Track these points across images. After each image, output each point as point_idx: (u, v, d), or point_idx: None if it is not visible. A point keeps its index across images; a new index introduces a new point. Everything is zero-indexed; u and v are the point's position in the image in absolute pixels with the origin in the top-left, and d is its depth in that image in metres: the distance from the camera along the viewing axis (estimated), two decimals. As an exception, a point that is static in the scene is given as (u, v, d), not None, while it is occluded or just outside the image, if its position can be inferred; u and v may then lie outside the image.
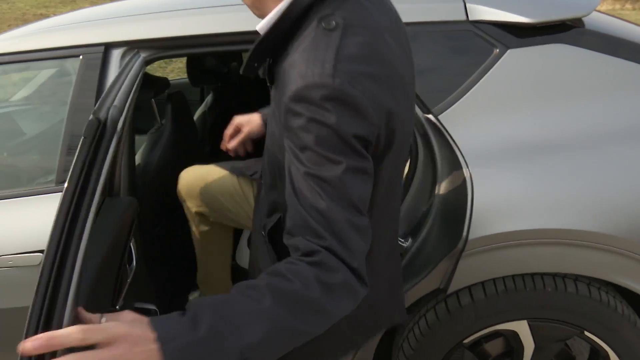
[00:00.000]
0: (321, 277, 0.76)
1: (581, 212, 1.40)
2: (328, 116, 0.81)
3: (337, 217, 0.80)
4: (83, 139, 0.76)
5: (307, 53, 0.85)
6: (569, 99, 1.46)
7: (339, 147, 0.82)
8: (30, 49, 1.63)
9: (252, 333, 0.71)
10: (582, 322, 1.53)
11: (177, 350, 0.66)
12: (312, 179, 0.82)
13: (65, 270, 0.66)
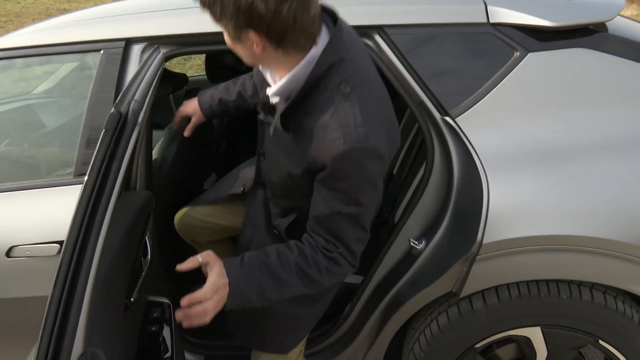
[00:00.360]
0: (329, 268, 1.17)
1: (599, 220, 1.38)
2: (364, 169, 1.09)
3: (350, 236, 1.17)
4: (104, 132, 0.77)
5: (337, 119, 1.07)
6: (590, 104, 1.44)
7: (367, 190, 1.13)
8: (53, 43, 1.65)
9: (278, 290, 1.17)
10: (596, 330, 1.51)
11: (235, 289, 1.13)
12: (345, 214, 1.13)
13: (84, 261, 0.67)
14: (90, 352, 0.70)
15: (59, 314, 0.65)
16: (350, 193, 1.12)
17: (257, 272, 1.16)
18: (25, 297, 1.64)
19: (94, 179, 0.73)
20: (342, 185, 1.11)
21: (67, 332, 0.63)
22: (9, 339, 1.72)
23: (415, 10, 1.52)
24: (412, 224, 1.62)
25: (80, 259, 0.69)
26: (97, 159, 0.74)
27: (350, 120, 1.07)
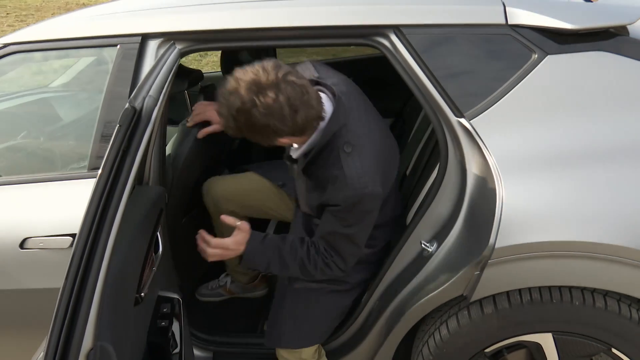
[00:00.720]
0: (323, 269, 1.55)
1: (615, 227, 1.36)
2: (364, 206, 1.46)
3: (345, 251, 1.54)
4: (118, 127, 0.77)
5: (344, 173, 1.43)
6: (609, 109, 1.42)
7: (364, 219, 1.50)
8: (70, 37, 1.66)
9: (280, 269, 1.57)
10: (610, 338, 1.49)
11: (249, 255, 1.54)
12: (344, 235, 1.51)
13: (96, 256, 0.67)
14: (100, 346, 0.70)
15: (69, 308, 0.66)
16: (350, 221, 1.48)
17: (270, 252, 1.55)
18: (38, 288, 1.66)
19: (107, 173, 0.73)
20: (345, 215, 1.47)
21: (77, 326, 0.63)
22: (21, 329, 1.73)
23: (433, 10, 1.51)
24: (423, 226, 1.61)
25: (92, 253, 0.70)
26: (111, 154, 0.75)
27: (354, 173, 1.43)
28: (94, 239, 0.71)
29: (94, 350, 0.68)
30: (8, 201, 1.69)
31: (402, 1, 1.54)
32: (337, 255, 1.54)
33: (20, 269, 1.65)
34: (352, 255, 1.56)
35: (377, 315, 1.68)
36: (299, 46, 1.88)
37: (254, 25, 1.56)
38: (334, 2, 1.56)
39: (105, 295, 0.72)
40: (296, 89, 1.31)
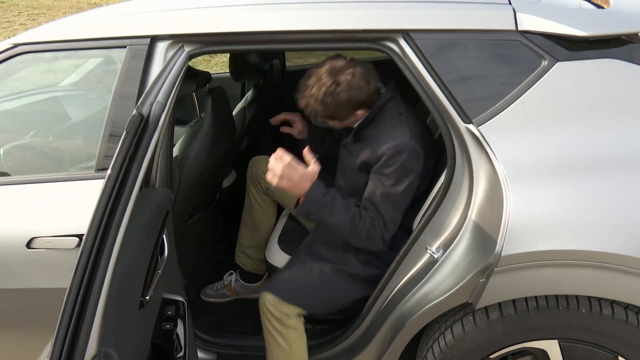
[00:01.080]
0: (370, 231, 1.65)
1: (623, 236, 1.35)
2: (407, 161, 1.63)
3: (387, 213, 1.66)
4: (125, 134, 0.77)
5: (393, 128, 1.68)
6: (619, 117, 1.41)
7: (405, 177, 1.65)
8: (80, 38, 1.67)
9: (332, 218, 1.65)
10: (616, 346, 1.47)
11: (310, 195, 1.63)
12: (387, 193, 1.65)
13: (102, 261, 0.67)
14: (104, 352, 0.70)
15: (74, 313, 0.66)
16: (393, 177, 1.63)
17: (329, 197, 1.65)
18: (44, 288, 1.67)
19: (114, 179, 0.73)
20: (390, 170, 1.63)
21: (82, 332, 0.64)
22: (27, 328, 1.74)
23: (442, 15, 1.50)
24: (429, 232, 1.61)
25: (98, 258, 0.70)
26: (118, 160, 0.75)
27: (402, 129, 1.66)
28: (100, 244, 0.71)
29: (98, 356, 0.68)
30: (16, 200, 1.70)
31: (411, 6, 1.54)
32: (381, 218, 1.65)
33: (26, 268, 1.66)
34: (393, 222, 1.67)
35: (382, 320, 1.68)
36: (307, 50, 1.89)
37: (263, 29, 1.56)
38: (344, 6, 1.56)
39: (110, 300, 0.72)
40: (362, 67, 1.66)
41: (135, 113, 0.80)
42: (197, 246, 2.11)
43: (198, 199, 2.02)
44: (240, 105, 2.68)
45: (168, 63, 1.06)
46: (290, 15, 1.56)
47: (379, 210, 1.66)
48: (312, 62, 3.39)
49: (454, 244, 1.53)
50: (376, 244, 1.68)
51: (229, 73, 2.54)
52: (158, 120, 0.82)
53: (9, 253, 1.63)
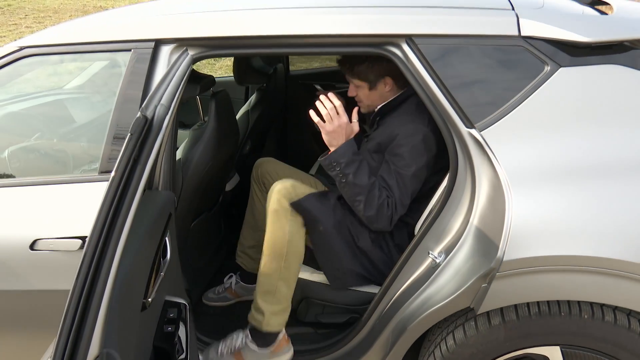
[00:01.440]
0: (383, 205, 1.73)
1: (626, 242, 1.35)
2: (419, 144, 1.73)
3: (397, 194, 1.73)
4: (130, 136, 0.77)
5: (411, 114, 1.78)
6: (622, 123, 1.41)
7: (417, 160, 1.74)
8: (85, 41, 1.68)
9: (358, 177, 1.73)
10: (618, 353, 1.47)
11: (343, 150, 1.74)
12: (398, 173, 1.74)
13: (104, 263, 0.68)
14: (106, 353, 0.70)
15: (77, 314, 0.66)
16: (406, 157, 1.72)
17: (359, 157, 1.75)
18: (46, 290, 1.68)
19: (118, 181, 0.74)
20: (402, 150, 1.73)
21: (85, 332, 0.64)
22: (30, 330, 1.75)
23: (445, 20, 1.51)
24: (431, 236, 1.61)
25: (101, 260, 0.70)
26: (122, 162, 0.75)
27: (420, 115, 1.74)
28: (104, 246, 0.71)
29: (100, 357, 0.69)
30: (19, 202, 1.71)
31: (415, 11, 1.54)
32: (393, 197, 1.73)
33: (29, 269, 1.67)
34: (402, 204, 1.74)
35: (384, 324, 1.68)
36: (311, 54, 1.90)
37: (266, 33, 1.56)
38: (348, 11, 1.56)
39: (113, 301, 0.72)
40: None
41: (140, 115, 0.81)
42: (199, 249, 2.11)
43: (201, 202, 2.03)
44: (244, 109, 2.69)
45: (172, 66, 1.07)
46: (294, 19, 1.57)
47: (391, 189, 1.74)
48: (316, 67, 3.40)
49: (456, 249, 1.53)
50: (383, 221, 1.74)
51: (233, 77, 2.56)
52: (162, 123, 0.83)
53: (13, 255, 1.64)
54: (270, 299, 1.78)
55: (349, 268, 1.83)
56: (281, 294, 1.79)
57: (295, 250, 1.80)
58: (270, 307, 1.78)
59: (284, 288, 1.79)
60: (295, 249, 1.80)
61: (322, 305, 1.94)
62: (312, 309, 1.95)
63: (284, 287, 1.79)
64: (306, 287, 1.93)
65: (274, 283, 1.78)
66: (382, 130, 1.83)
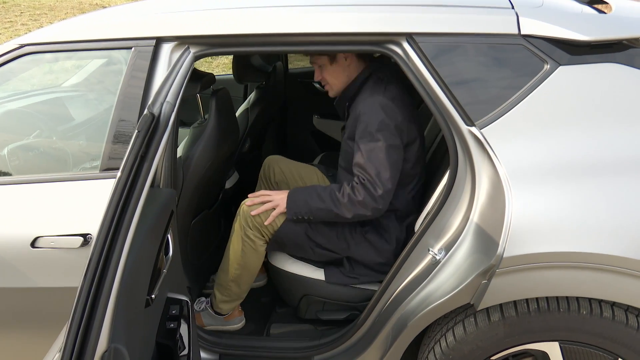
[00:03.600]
0: (351, 196, 1.75)
1: (624, 239, 1.36)
2: (380, 114, 1.74)
3: (371, 169, 1.73)
4: (137, 133, 0.78)
5: (370, 89, 1.82)
6: (620, 121, 1.42)
7: (386, 131, 1.74)
8: (85, 39, 1.68)
9: (315, 202, 1.79)
10: (616, 348, 1.48)
11: (291, 197, 1.83)
12: (368, 150, 1.74)
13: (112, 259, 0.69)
14: (114, 348, 0.71)
15: (86, 309, 0.67)
16: (371, 131, 1.73)
17: (308, 190, 1.82)
18: (48, 287, 1.68)
19: (125, 178, 0.74)
20: (364, 126, 1.74)
21: (94, 328, 0.65)
22: (31, 327, 1.75)
23: (446, 19, 1.52)
24: (432, 233, 1.62)
25: (109, 256, 0.71)
26: (129, 159, 0.76)
27: (377, 88, 1.80)
28: (111, 242, 0.72)
29: (108, 352, 0.69)
30: (20, 200, 1.71)
31: (415, 10, 1.55)
32: (366, 175, 1.73)
33: (31, 267, 1.67)
34: (381, 180, 1.72)
35: (384, 321, 1.69)
36: (312, 52, 1.90)
37: (268, 31, 1.57)
38: (349, 9, 1.57)
39: (120, 297, 0.73)
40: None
41: (147, 112, 0.81)
42: (199, 247, 2.12)
43: (201, 199, 2.03)
44: (243, 107, 2.70)
45: (175, 64, 1.07)
46: (296, 17, 1.57)
47: (363, 168, 1.74)
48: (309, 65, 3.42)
49: (456, 246, 1.54)
50: (367, 205, 1.74)
51: (232, 75, 2.56)
52: (168, 120, 0.84)
53: (14, 252, 1.64)
54: (222, 291, 2.00)
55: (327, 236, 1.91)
56: (231, 290, 1.99)
57: (249, 267, 1.95)
58: (221, 297, 2.01)
59: (235, 287, 1.99)
60: (248, 266, 1.95)
61: (322, 302, 1.95)
62: (312, 306, 1.96)
63: (234, 287, 1.99)
64: (306, 284, 1.94)
65: (227, 281, 1.98)
66: (351, 116, 1.86)
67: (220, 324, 2.06)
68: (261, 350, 1.89)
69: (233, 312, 2.07)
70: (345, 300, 1.92)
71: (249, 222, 1.90)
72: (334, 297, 1.92)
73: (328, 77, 1.92)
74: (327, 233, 1.88)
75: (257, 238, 1.91)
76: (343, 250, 1.88)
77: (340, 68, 1.89)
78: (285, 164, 2.31)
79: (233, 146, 2.21)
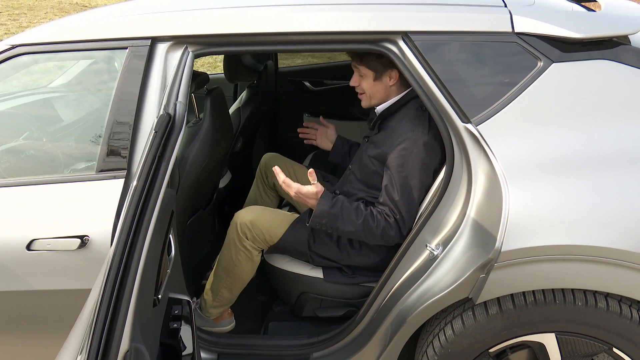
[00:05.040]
0: (386, 229, 1.74)
1: (619, 231, 1.39)
2: (420, 153, 1.72)
3: (402, 203, 1.73)
4: (154, 134, 0.78)
5: (411, 120, 1.78)
6: (612, 116, 1.46)
7: (419, 170, 1.73)
8: (79, 39, 1.67)
9: (346, 225, 1.75)
10: (611, 338, 1.52)
11: (320, 208, 1.74)
12: (402, 185, 1.74)
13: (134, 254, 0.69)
14: (135, 347, 0.71)
15: (109, 311, 0.67)
16: (408, 168, 1.72)
17: (338, 207, 1.75)
18: (45, 290, 1.66)
19: (144, 180, 0.75)
20: (403, 161, 1.73)
21: (117, 328, 0.65)
22: (28, 331, 1.73)
23: (440, 17, 1.54)
24: (429, 229, 1.64)
25: (130, 256, 0.71)
26: (148, 160, 0.76)
27: (421, 123, 1.75)
28: (132, 243, 0.72)
29: (130, 352, 0.70)
30: (15, 202, 1.69)
31: (410, 8, 1.57)
32: (399, 212, 1.73)
33: (27, 270, 1.65)
34: (410, 216, 1.74)
35: (382, 317, 1.70)
36: (308, 51, 1.91)
37: (264, 30, 1.57)
38: (345, 8, 1.58)
39: (138, 298, 0.73)
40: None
41: (163, 113, 0.81)
42: (195, 247, 2.11)
43: (197, 199, 2.03)
44: (235, 106, 2.69)
45: (180, 64, 1.08)
46: (291, 16, 1.58)
47: (396, 205, 1.74)
48: (299, 64, 3.42)
49: (454, 241, 1.56)
50: (394, 240, 1.76)
51: (220, 74, 2.56)
52: (183, 120, 0.84)
53: (9, 255, 1.62)
54: (213, 297, 2.01)
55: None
56: (223, 296, 2.00)
57: (242, 275, 1.95)
58: (212, 302, 2.01)
59: (227, 294, 1.99)
60: (242, 274, 1.95)
61: (319, 299, 1.96)
62: (309, 304, 1.97)
63: (226, 293, 1.99)
64: (303, 282, 1.95)
65: (219, 287, 1.99)
66: (384, 137, 1.83)
67: (210, 325, 2.05)
68: (259, 348, 1.90)
69: (222, 315, 2.07)
70: (343, 297, 1.93)
71: (247, 234, 1.89)
72: (332, 294, 1.93)
73: (366, 88, 1.86)
74: (329, 244, 1.89)
75: (253, 248, 1.91)
76: (343, 259, 1.89)
77: (383, 86, 1.84)
78: (283, 163, 2.31)
79: (227, 145, 2.21)
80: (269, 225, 1.89)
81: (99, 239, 1.60)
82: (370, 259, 1.87)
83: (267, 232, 1.89)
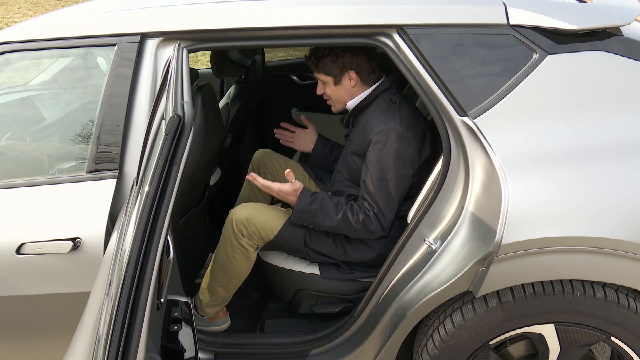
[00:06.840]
0: (366, 222, 1.76)
1: (617, 222, 1.41)
2: (395, 144, 1.74)
3: (380, 198, 1.75)
4: (165, 136, 0.76)
5: (383, 113, 1.79)
6: (608, 106, 1.47)
7: (396, 162, 1.74)
8: (66, 36, 1.62)
9: (325, 220, 1.78)
10: (609, 327, 1.54)
11: (300, 205, 1.80)
12: (379, 179, 1.75)
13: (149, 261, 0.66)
14: (149, 357, 0.69)
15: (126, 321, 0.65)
16: (383, 161, 1.73)
17: (318, 203, 1.79)
18: (36, 294, 1.62)
19: (157, 184, 0.72)
20: (377, 155, 1.73)
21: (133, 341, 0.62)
22: (19, 336, 1.69)
23: (435, 10, 1.53)
24: (426, 224, 1.63)
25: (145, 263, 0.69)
26: (159, 163, 0.74)
27: (392, 115, 1.77)
28: (147, 249, 0.70)
29: (146, 362, 0.68)
30: (2, 206, 1.64)
31: (405, 1, 1.55)
32: (377, 206, 1.75)
33: (17, 275, 1.61)
34: (390, 209, 1.76)
35: (381, 312, 1.70)
36: (302, 45, 1.89)
37: (256, 25, 1.55)
38: (338, 1, 1.56)
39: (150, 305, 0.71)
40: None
41: (174, 115, 0.79)
42: (187, 246, 2.08)
43: (189, 197, 2.00)
44: (224, 102, 2.66)
45: (177, 61, 1.05)
46: (285, 10, 1.55)
47: (373, 198, 1.76)
48: (281, 57, 3.39)
49: (452, 235, 1.56)
50: (375, 233, 1.79)
51: (206, 69, 2.52)
52: (192, 121, 0.82)
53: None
54: (209, 296, 1.98)
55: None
56: (219, 295, 1.97)
57: (239, 273, 1.93)
58: (208, 301, 1.99)
59: (223, 292, 1.97)
60: (239, 272, 1.93)
61: (316, 296, 1.95)
62: (306, 301, 1.96)
63: (222, 292, 1.97)
64: (300, 278, 1.93)
65: (214, 286, 1.96)
66: (357, 132, 1.85)
67: (205, 325, 2.03)
68: (258, 347, 1.88)
69: (218, 314, 2.05)
70: (340, 293, 1.92)
71: (243, 231, 1.87)
72: (329, 290, 1.92)
73: (331, 94, 1.91)
74: (325, 240, 1.88)
75: (249, 246, 1.89)
76: (339, 255, 1.88)
77: (344, 89, 1.87)
78: (275, 159, 2.29)
79: (219, 142, 2.18)
80: (264, 222, 1.87)
81: (92, 241, 1.57)
82: (366, 255, 1.87)
83: (263, 228, 1.87)
